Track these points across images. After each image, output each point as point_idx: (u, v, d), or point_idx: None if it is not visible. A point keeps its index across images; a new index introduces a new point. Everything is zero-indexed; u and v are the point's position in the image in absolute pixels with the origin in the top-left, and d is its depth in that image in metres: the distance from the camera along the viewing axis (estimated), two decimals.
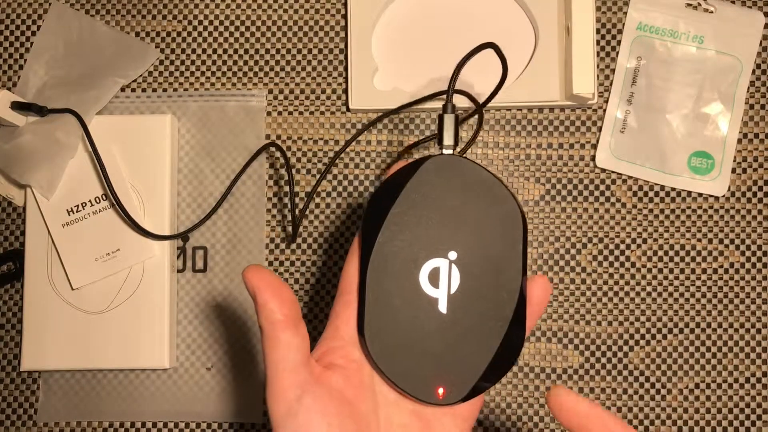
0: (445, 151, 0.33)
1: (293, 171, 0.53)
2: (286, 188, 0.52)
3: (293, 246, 0.52)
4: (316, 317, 0.52)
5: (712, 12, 0.52)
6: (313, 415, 0.28)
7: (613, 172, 0.52)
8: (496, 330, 0.31)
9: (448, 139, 0.33)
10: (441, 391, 0.31)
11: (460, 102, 0.50)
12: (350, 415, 0.29)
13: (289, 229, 0.52)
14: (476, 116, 0.52)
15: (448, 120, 0.33)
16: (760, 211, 0.52)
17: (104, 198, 0.51)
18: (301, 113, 0.53)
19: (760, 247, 0.52)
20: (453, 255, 0.31)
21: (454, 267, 0.31)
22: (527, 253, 0.34)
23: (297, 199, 0.53)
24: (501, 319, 0.31)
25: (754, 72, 0.52)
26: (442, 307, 0.31)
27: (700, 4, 0.52)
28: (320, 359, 0.31)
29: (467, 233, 0.32)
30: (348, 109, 0.53)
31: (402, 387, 0.31)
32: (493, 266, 0.32)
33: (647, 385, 0.51)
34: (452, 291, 0.31)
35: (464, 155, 0.32)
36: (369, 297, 0.31)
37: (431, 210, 0.32)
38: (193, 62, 0.54)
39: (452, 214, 0.32)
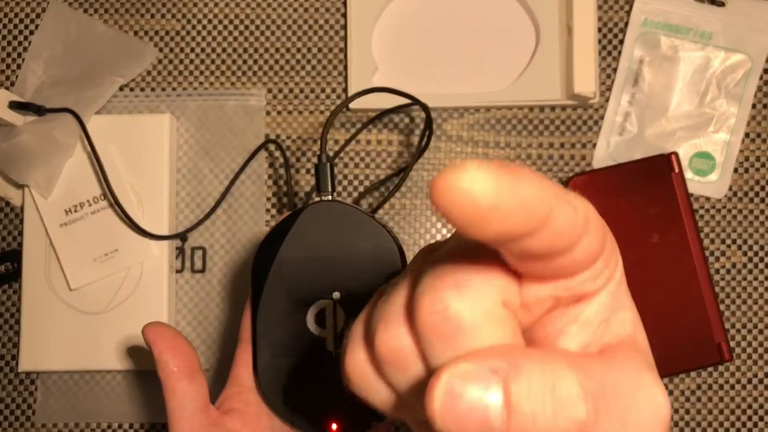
0: (323, 198, 0.34)
1: (293, 171, 0.52)
2: (285, 188, 0.52)
3: None
4: None
5: (723, 5, 0.51)
6: None
7: None
8: None
9: (324, 186, 0.35)
10: (334, 427, 0.32)
11: (449, 101, 0.50)
12: None
13: None
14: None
15: (323, 169, 0.35)
16: (762, 211, 0.52)
17: (102, 198, 0.51)
18: (300, 113, 0.53)
19: (762, 247, 0.51)
20: (337, 295, 0.33)
21: (338, 307, 0.33)
22: None
23: (296, 199, 0.52)
24: None
25: (767, 71, 0.52)
26: (330, 345, 0.33)
27: None
28: (221, 405, 0.33)
29: (349, 273, 0.33)
30: (348, 109, 0.53)
31: (296, 426, 0.33)
32: None
33: None
34: (339, 330, 0.33)
35: (341, 200, 0.35)
36: (260, 342, 0.33)
37: (313, 254, 0.33)
38: (191, 61, 0.54)
39: (333, 256, 0.33)
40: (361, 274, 0.33)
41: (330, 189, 0.35)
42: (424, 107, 0.43)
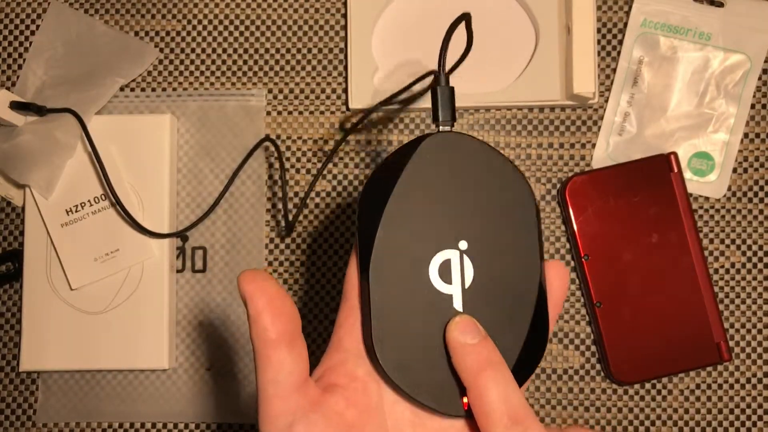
0: (442, 128, 0.29)
1: (293, 171, 0.53)
2: (281, 182, 0.52)
3: (293, 247, 0.52)
4: (310, 323, 0.52)
5: (721, 6, 0.51)
6: None
7: None
8: (519, 325, 0.28)
9: (444, 114, 0.29)
10: (465, 399, 0.27)
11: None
12: None
13: (283, 222, 0.52)
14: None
15: (443, 93, 0.29)
16: (761, 211, 0.52)
17: (103, 198, 0.51)
18: (300, 113, 0.53)
19: (761, 247, 0.51)
20: (464, 245, 0.28)
21: (466, 258, 0.28)
22: (542, 238, 0.31)
23: (297, 200, 0.52)
24: (522, 313, 0.28)
25: (766, 71, 0.52)
26: (457, 304, 0.28)
27: None
28: (321, 378, 0.28)
29: (477, 219, 0.28)
30: (348, 109, 0.53)
31: (423, 401, 0.27)
32: (508, 255, 0.28)
33: (648, 386, 0.51)
34: (466, 285, 0.28)
35: (464, 132, 0.30)
36: (374, 301, 0.27)
37: (434, 196, 0.28)
38: (192, 61, 0.54)
39: (458, 199, 0.28)
40: (489, 221, 0.28)
41: (450, 118, 0.29)
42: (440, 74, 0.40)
